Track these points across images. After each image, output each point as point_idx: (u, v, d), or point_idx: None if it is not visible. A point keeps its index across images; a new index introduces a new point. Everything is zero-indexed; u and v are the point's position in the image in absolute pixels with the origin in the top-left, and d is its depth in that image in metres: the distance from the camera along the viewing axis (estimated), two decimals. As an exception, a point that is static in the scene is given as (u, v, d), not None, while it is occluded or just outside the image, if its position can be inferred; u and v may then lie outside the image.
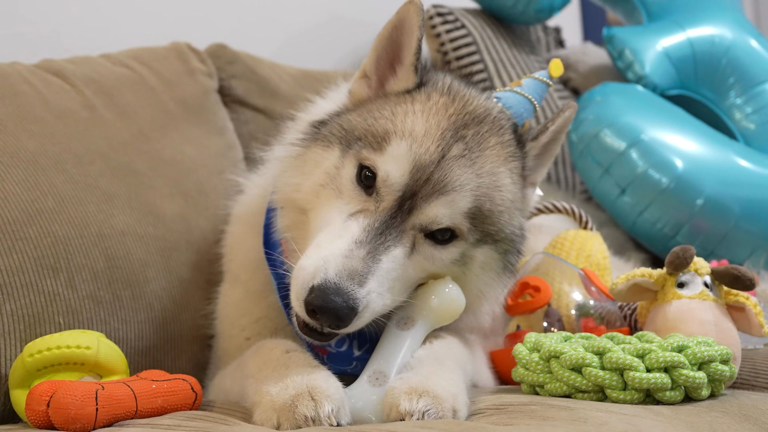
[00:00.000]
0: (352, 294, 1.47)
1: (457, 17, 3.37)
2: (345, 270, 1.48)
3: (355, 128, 1.70)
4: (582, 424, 1.30)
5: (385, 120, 1.68)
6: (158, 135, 2.34)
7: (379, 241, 1.54)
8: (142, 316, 2.02)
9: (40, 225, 1.87)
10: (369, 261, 1.51)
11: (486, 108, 1.77)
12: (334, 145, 1.70)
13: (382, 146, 1.63)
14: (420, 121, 1.66)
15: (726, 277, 1.79)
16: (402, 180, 1.59)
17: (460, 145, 1.65)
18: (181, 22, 3.07)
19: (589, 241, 2.27)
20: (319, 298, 1.45)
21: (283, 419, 1.41)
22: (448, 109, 1.71)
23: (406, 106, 1.71)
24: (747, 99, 3.30)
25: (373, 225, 1.56)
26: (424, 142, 1.62)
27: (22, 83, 2.13)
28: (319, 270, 1.48)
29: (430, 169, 1.60)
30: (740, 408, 1.50)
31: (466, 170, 1.64)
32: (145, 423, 1.47)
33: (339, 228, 1.57)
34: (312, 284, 1.47)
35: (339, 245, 1.52)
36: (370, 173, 1.62)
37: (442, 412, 1.40)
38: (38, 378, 1.64)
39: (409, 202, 1.59)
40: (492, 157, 1.70)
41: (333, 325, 1.49)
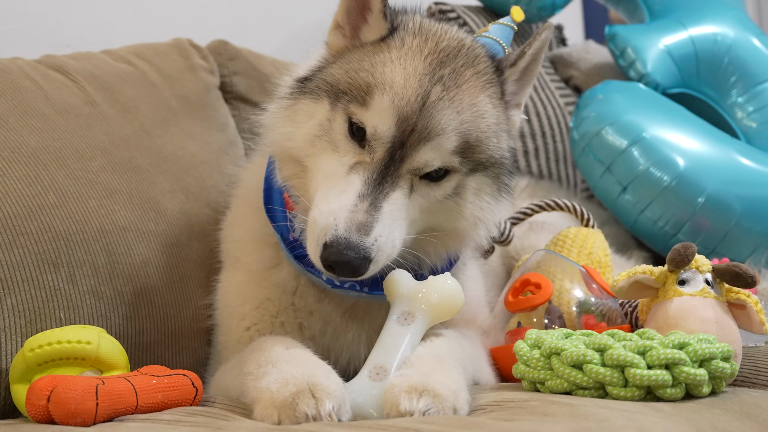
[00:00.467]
0: (362, 245, 1.57)
1: (458, 14, 3.37)
2: (353, 224, 1.57)
3: (339, 82, 1.75)
4: (583, 420, 1.30)
5: (366, 72, 1.72)
6: (159, 131, 2.34)
7: (378, 190, 1.63)
8: (143, 312, 2.02)
9: (41, 220, 1.87)
10: (372, 211, 1.60)
11: (459, 40, 1.83)
12: (323, 98, 1.76)
13: (366, 101, 1.69)
14: (398, 69, 1.71)
15: (727, 274, 1.79)
16: (389, 133, 1.66)
17: (438, 88, 1.70)
18: (182, 18, 3.07)
19: (591, 238, 2.27)
20: (334, 254, 1.56)
21: (283, 417, 1.41)
22: (422, 51, 1.75)
23: (383, 55, 1.75)
24: (749, 98, 3.30)
25: (371, 177, 1.64)
26: (404, 94, 1.67)
27: (23, 78, 2.13)
28: (329, 226, 1.58)
29: (413, 119, 1.66)
30: (741, 405, 1.50)
31: (446, 112, 1.69)
32: (145, 418, 1.48)
33: (342, 182, 1.65)
34: (324, 241, 1.57)
35: (344, 201, 1.61)
36: (360, 127, 1.69)
37: (443, 410, 1.40)
38: (39, 373, 1.64)
39: (400, 151, 1.66)
40: (470, 90, 1.75)
41: (350, 276, 1.60)
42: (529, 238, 2.46)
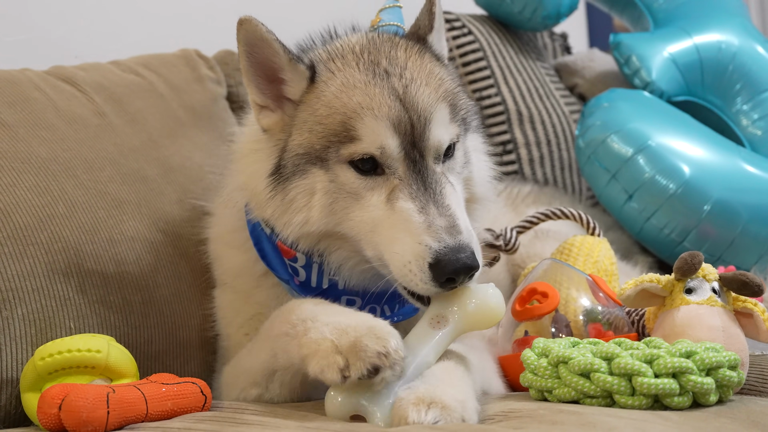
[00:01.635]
0: (463, 241, 1.57)
1: (464, 23, 3.38)
2: (441, 232, 1.56)
3: (312, 143, 1.71)
4: (591, 429, 1.30)
5: (330, 115, 1.69)
6: (167, 142, 2.36)
7: (428, 195, 1.63)
8: (152, 321, 2.04)
9: (51, 230, 1.89)
10: (443, 212, 1.60)
11: (367, 38, 1.82)
12: (310, 168, 1.71)
13: (353, 135, 1.66)
14: (353, 91, 1.69)
15: (734, 283, 1.79)
16: (396, 142, 1.65)
17: (395, 80, 1.70)
18: (189, 28, 3.09)
19: (597, 246, 2.27)
20: (447, 266, 1.54)
21: (353, 359, 1.44)
22: (352, 65, 1.74)
23: (327, 91, 1.72)
24: (754, 105, 3.31)
25: (414, 189, 1.63)
26: (378, 102, 1.67)
27: (33, 90, 2.15)
28: (422, 252, 1.55)
29: (404, 116, 1.66)
30: (748, 414, 1.50)
31: (421, 90, 1.70)
32: (155, 426, 1.49)
33: (395, 217, 1.62)
34: (428, 262, 1.55)
35: (415, 226, 1.59)
36: (366, 160, 1.66)
37: (452, 421, 1.40)
38: (49, 381, 1.66)
39: (414, 151, 1.66)
40: (415, 64, 1.76)
41: (468, 276, 1.58)
42: (535, 246, 2.46)
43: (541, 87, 3.48)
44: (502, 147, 3.29)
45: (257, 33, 1.72)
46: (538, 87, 3.46)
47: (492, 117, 3.29)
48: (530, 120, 3.34)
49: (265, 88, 1.78)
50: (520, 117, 3.32)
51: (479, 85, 3.30)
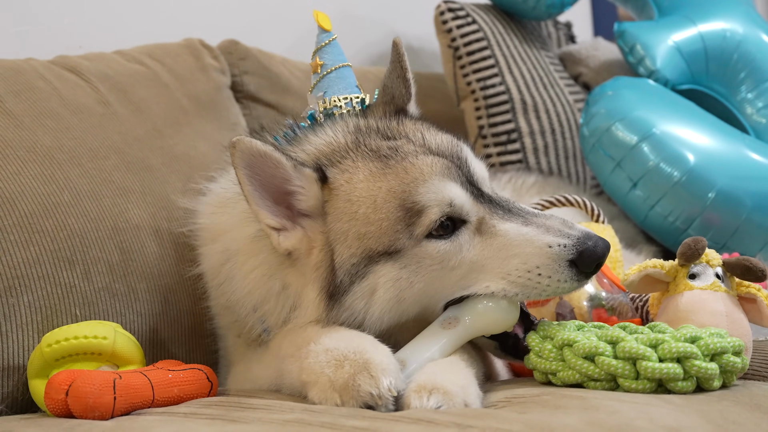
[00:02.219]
0: (582, 228, 1.59)
1: (468, 12, 3.38)
2: (562, 227, 1.58)
3: (371, 248, 1.60)
4: (594, 412, 1.31)
5: (381, 209, 1.60)
6: (171, 131, 2.36)
7: (516, 212, 1.63)
8: (157, 309, 2.05)
9: (56, 218, 1.90)
10: (543, 218, 1.61)
11: (355, 128, 1.74)
12: (373, 268, 1.60)
13: (417, 209, 1.59)
14: (386, 177, 1.62)
15: (737, 268, 1.79)
16: (457, 187, 1.62)
17: (410, 145, 1.68)
18: (194, 17, 3.09)
19: (601, 233, 2.27)
20: (593, 249, 1.56)
21: (347, 398, 1.43)
22: (365, 158, 1.66)
23: (359, 190, 1.62)
24: (758, 93, 3.30)
25: (502, 213, 1.62)
26: (417, 168, 1.62)
27: (37, 79, 2.16)
28: (559, 253, 1.56)
29: (445, 162, 1.65)
30: (751, 398, 1.50)
31: (437, 136, 1.72)
32: (161, 411, 1.50)
33: (499, 240, 1.60)
34: (569, 259, 1.56)
35: (531, 236, 1.58)
36: (444, 224, 1.60)
37: (454, 406, 1.40)
38: (56, 368, 1.67)
39: (473, 187, 1.66)
40: (414, 125, 1.76)
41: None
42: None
43: (545, 76, 3.48)
44: (506, 136, 3.29)
45: (254, 149, 1.59)
46: (543, 76, 3.46)
47: (496, 106, 3.29)
48: (534, 109, 3.34)
49: (275, 208, 1.65)
50: (525, 106, 3.32)
51: (483, 74, 3.30)
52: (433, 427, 1.23)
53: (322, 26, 1.89)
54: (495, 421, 1.25)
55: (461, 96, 3.36)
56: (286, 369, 1.61)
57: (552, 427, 1.22)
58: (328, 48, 1.88)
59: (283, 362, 1.63)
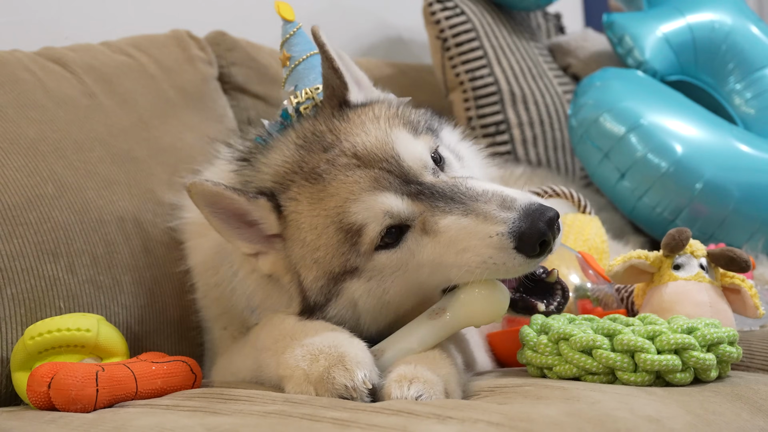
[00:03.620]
0: (523, 203, 1.50)
1: (456, 3, 3.37)
2: (499, 211, 1.49)
3: (329, 270, 1.62)
4: (575, 403, 1.31)
5: (323, 235, 1.61)
6: (158, 122, 2.36)
7: (457, 198, 1.55)
8: (143, 301, 2.04)
9: (40, 210, 1.89)
10: (482, 197, 1.53)
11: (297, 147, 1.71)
12: (341, 285, 1.63)
13: (356, 229, 1.58)
14: (324, 202, 1.61)
15: (721, 259, 1.79)
16: (391, 195, 1.58)
17: (342, 157, 1.63)
18: (181, 9, 3.08)
19: (588, 225, 2.28)
20: (533, 229, 1.46)
21: (322, 391, 1.44)
22: (308, 180, 1.65)
23: (305, 219, 1.63)
24: (747, 84, 3.30)
25: (442, 205, 1.55)
26: (347, 188, 1.59)
27: (22, 70, 2.15)
28: (501, 242, 1.48)
29: (374, 172, 1.60)
30: (733, 388, 1.51)
31: (365, 140, 1.64)
32: (144, 404, 1.49)
33: (445, 236, 1.54)
34: (513, 247, 1.47)
35: (471, 227, 1.51)
36: (387, 231, 1.58)
37: (435, 395, 1.41)
38: (39, 360, 1.66)
39: (410, 185, 1.59)
40: (348, 126, 1.69)
41: (557, 228, 1.51)
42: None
43: (534, 67, 3.48)
44: (495, 127, 3.29)
45: (207, 191, 1.63)
46: (531, 67, 3.46)
47: (485, 97, 3.29)
48: (523, 100, 3.34)
49: (247, 234, 1.69)
50: (513, 97, 3.32)
51: (472, 66, 3.30)
52: (413, 418, 1.23)
53: (284, 17, 1.87)
54: (475, 412, 1.25)
55: (450, 87, 3.35)
56: (264, 362, 1.63)
57: (532, 418, 1.22)
58: (293, 39, 1.86)
59: (261, 354, 1.64)
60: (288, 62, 1.84)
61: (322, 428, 1.22)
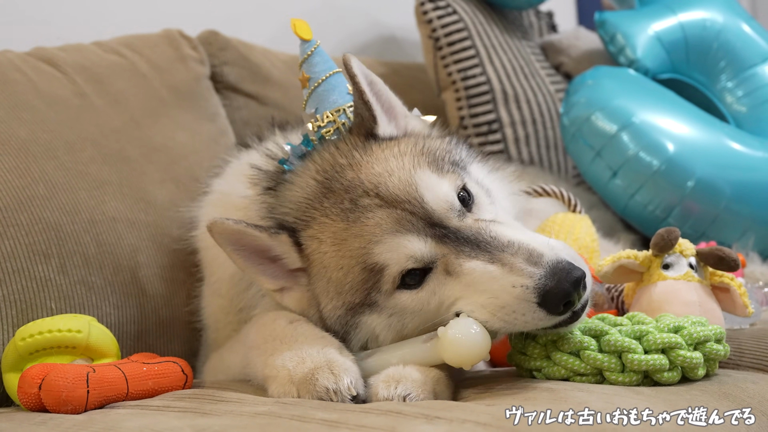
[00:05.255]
0: (551, 260, 1.44)
1: (448, 3, 3.37)
2: (525, 265, 1.45)
3: (349, 302, 1.60)
4: (562, 403, 1.32)
5: (348, 274, 1.59)
6: (150, 122, 2.36)
7: (483, 245, 1.51)
8: (134, 301, 2.04)
9: (31, 211, 1.89)
10: (510, 249, 1.48)
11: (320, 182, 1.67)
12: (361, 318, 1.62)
13: (379, 269, 1.55)
14: (348, 243, 1.59)
15: (710, 258, 1.80)
16: (415, 238, 1.54)
17: (364, 198, 1.59)
18: (173, 8, 3.08)
19: (578, 224, 2.28)
20: (559, 289, 1.42)
21: (303, 392, 1.44)
22: (329, 217, 1.62)
23: (329, 257, 1.61)
24: (738, 82, 3.31)
25: (468, 250, 1.52)
26: (369, 230, 1.56)
27: (13, 71, 2.15)
28: (525, 295, 1.43)
29: (398, 214, 1.56)
30: (721, 386, 1.52)
31: (388, 181, 1.60)
32: (135, 405, 1.50)
33: (466, 278, 1.50)
34: (536, 302, 1.42)
35: (495, 275, 1.47)
36: (409, 272, 1.55)
37: (423, 394, 1.41)
38: (30, 361, 1.67)
39: (436, 228, 1.55)
40: (372, 164, 1.65)
41: (583, 287, 1.45)
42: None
43: (526, 66, 3.48)
44: (487, 126, 3.30)
45: (229, 230, 1.65)
46: (524, 66, 3.47)
47: (477, 96, 3.30)
48: (515, 99, 3.34)
49: (271, 270, 1.70)
50: (506, 96, 3.32)
51: (464, 65, 3.30)
52: (401, 418, 1.24)
53: (300, 36, 1.80)
54: (463, 412, 1.26)
55: (442, 86, 3.36)
56: (252, 360, 1.64)
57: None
58: (312, 59, 1.80)
59: (250, 352, 1.65)
60: (308, 83, 1.78)
61: (311, 429, 1.23)
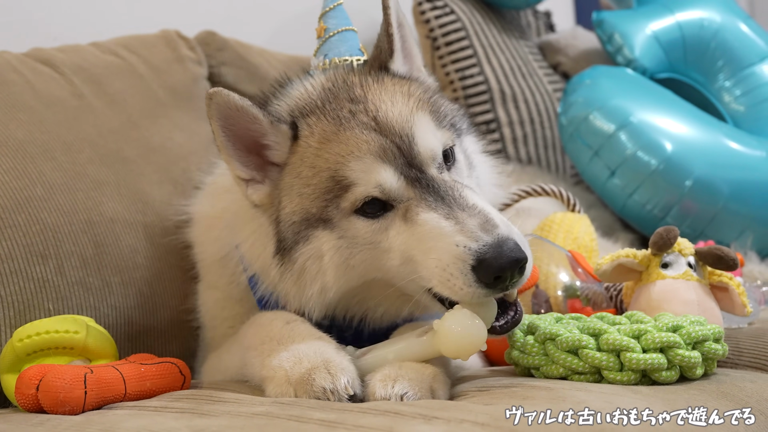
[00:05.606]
0: (502, 233, 1.44)
1: (446, 3, 3.37)
2: (477, 229, 1.45)
3: (307, 209, 1.62)
4: (561, 402, 1.32)
5: (317, 175, 1.61)
6: (147, 122, 2.35)
7: (448, 201, 1.52)
8: (132, 302, 2.04)
9: (28, 212, 1.89)
10: (471, 211, 1.49)
11: (329, 88, 1.71)
12: (313, 232, 1.62)
13: (345, 184, 1.57)
14: (329, 145, 1.61)
15: (709, 257, 1.80)
16: (389, 171, 1.56)
17: (362, 115, 1.62)
18: (171, 9, 3.08)
19: (577, 223, 2.28)
20: (496, 259, 1.41)
21: (300, 392, 1.43)
22: (325, 117, 1.65)
23: (309, 151, 1.63)
24: (736, 82, 3.32)
25: (432, 201, 1.53)
26: (354, 144, 1.59)
27: (10, 72, 2.15)
28: (461, 254, 1.44)
29: (384, 142, 1.58)
30: (719, 385, 1.52)
31: (389, 110, 1.62)
32: (132, 405, 1.49)
33: (420, 228, 1.52)
34: (470, 264, 1.43)
35: (445, 230, 1.48)
36: (371, 203, 1.57)
37: (420, 393, 1.41)
38: (28, 362, 1.66)
39: (412, 169, 1.57)
40: (380, 92, 1.67)
41: (518, 270, 1.44)
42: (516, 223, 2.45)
43: (524, 66, 3.48)
44: (485, 126, 3.29)
45: (231, 103, 1.61)
46: (521, 66, 3.47)
47: (475, 96, 3.30)
48: (513, 99, 3.34)
49: (247, 159, 1.69)
50: (503, 96, 3.32)
51: (462, 65, 3.30)
52: (399, 418, 1.24)
53: None
54: (461, 412, 1.25)
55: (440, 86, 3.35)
56: (249, 361, 1.63)
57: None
58: (332, 12, 1.86)
59: (247, 352, 1.65)
60: (323, 33, 1.84)
61: (308, 429, 1.23)
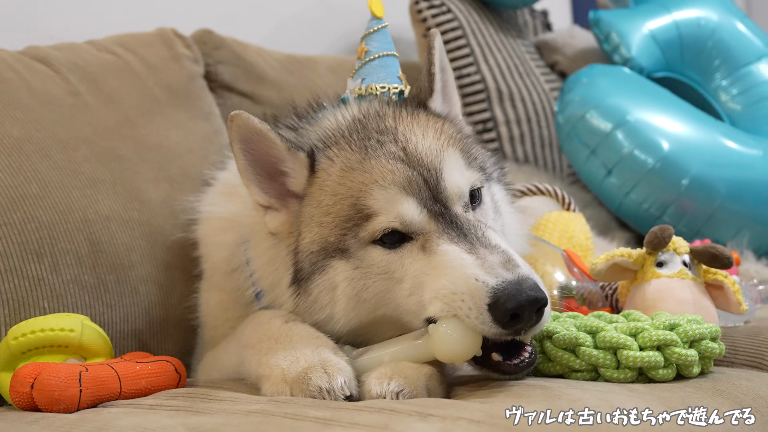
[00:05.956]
0: (523, 273, 1.42)
1: (443, 1, 3.37)
2: (498, 267, 1.42)
3: (326, 238, 1.60)
4: (556, 401, 1.32)
5: (338, 203, 1.59)
6: (144, 120, 2.35)
7: (471, 239, 1.49)
8: (128, 300, 2.04)
9: (24, 210, 1.88)
10: (493, 249, 1.46)
11: (359, 120, 1.70)
12: (330, 263, 1.60)
13: (366, 213, 1.56)
14: (354, 174, 1.59)
15: (704, 255, 1.80)
16: (413, 203, 1.54)
17: (391, 145, 1.61)
18: (168, 8, 3.07)
19: (572, 222, 2.28)
20: (514, 297, 1.37)
21: (296, 391, 1.43)
22: (351, 147, 1.63)
23: (331, 180, 1.62)
24: (733, 81, 3.32)
25: (453, 236, 1.51)
26: (378, 172, 1.57)
27: (6, 70, 2.15)
28: (479, 288, 1.41)
29: (411, 173, 1.57)
30: (715, 383, 1.52)
31: (420, 143, 1.61)
32: (127, 404, 1.49)
33: (438, 258, 1.49)
34: (487, 303, 1.39)
35: (466, 262, 1.45)
36: (390, 234, 1.55)
37: (416, 390, 1.41)
38: (23, 361, 1.66)
39: (437, 204, 1.56)
40: (412, 125, 1.66)
41: (535, 311, 1.40)
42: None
43: (521, 65, 3.48)
44: (482, 125, 3.30)
45: (250, 126, 1.61)
46: (518, 65, 3.47)
47: (472, 95, 3.30)
48: (510, 98, 3.34)
49: (267, 186, 1.68)
50: (500, 95, 3.32)
51: (459, 64, 3.30)
52: (395, 415, 1.24)
53: (374, 13, 1.84)
54: (456, 410, 1.25)
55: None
56: (246, 359, 1.63)
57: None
58: (375, 35, 1.84)
59: (245, 350, 1.65)
60: (363, 55, 1.82)
61: (304, 427, 1.22)
